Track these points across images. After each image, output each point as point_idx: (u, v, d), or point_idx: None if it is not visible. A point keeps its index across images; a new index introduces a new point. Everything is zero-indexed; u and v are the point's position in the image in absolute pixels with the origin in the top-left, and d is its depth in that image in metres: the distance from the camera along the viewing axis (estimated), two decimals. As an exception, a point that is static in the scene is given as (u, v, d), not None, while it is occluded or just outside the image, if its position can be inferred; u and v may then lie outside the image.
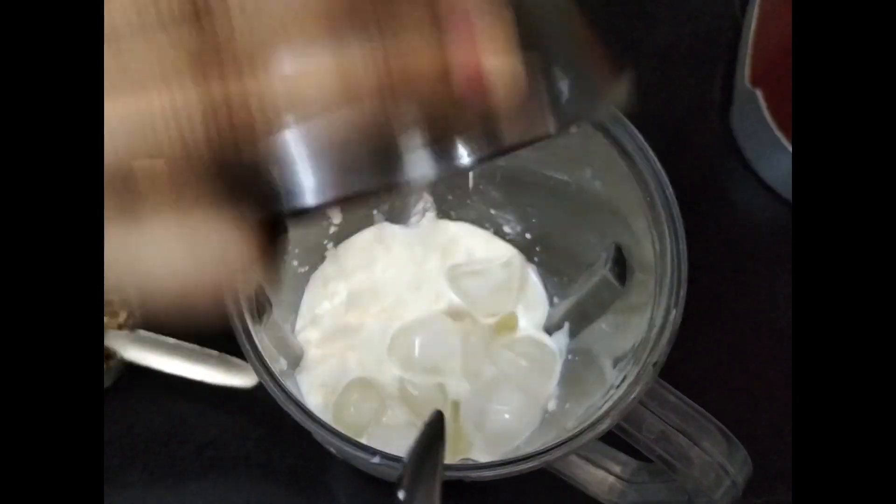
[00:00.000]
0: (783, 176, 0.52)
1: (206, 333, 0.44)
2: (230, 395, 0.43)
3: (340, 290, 0.44)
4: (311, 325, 0.43)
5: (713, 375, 0.48)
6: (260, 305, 0.35)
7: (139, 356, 0.43)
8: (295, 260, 0.43)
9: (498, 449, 0.40)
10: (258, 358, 0.31)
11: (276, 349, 0.36)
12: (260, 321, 0.34)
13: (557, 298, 0.45)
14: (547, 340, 0.44)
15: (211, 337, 0.44)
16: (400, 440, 0.39)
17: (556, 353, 0.43)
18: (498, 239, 0.46)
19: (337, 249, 0.45)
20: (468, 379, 0.42)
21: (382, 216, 0.46)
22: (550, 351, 0.43)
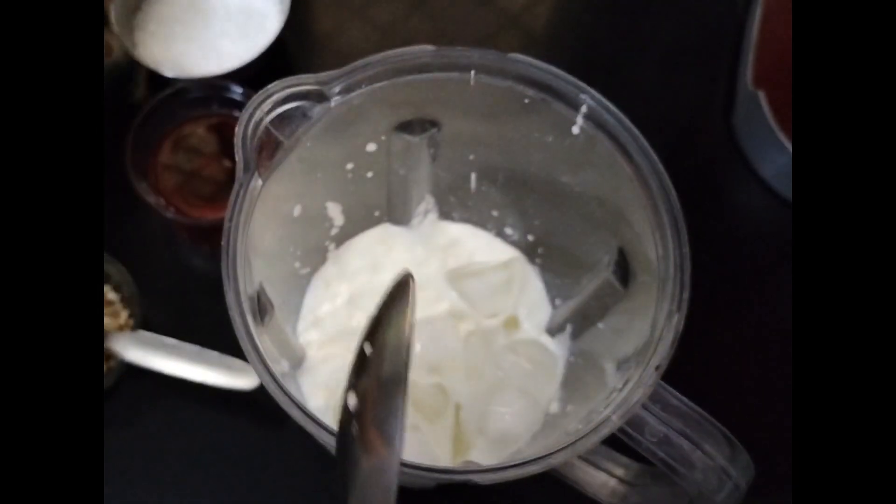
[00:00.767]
0: (785, 177, 0.52)
1: (206, 334, 0.44)
2: (231, 396, 0.43)
3: (342, 291, 0.44)
4: (312, 326, 0.43)
5: (715, 378, 0.47)
6: (262, 307, 0.35)
7: (140, 357, 0.43)
8: (297, 262, 0.43)
9: (499, 451, 0.40)
10: (260, 359, 0.31)
11: (277, 351, 0.36)
12: (262, 322, 0.34)
13: (559, 301, 0.45)
14: (549, 343, 0.44)
15: (212, 338, 0.44)
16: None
17: (558, 355, 0.43)
18: (499, 241, 0.46)
19: (339, 251, 0.45)
20: (469, 380, 0.42)
21: (384, 218, 0.46)
22: (552, 353, 0.43)
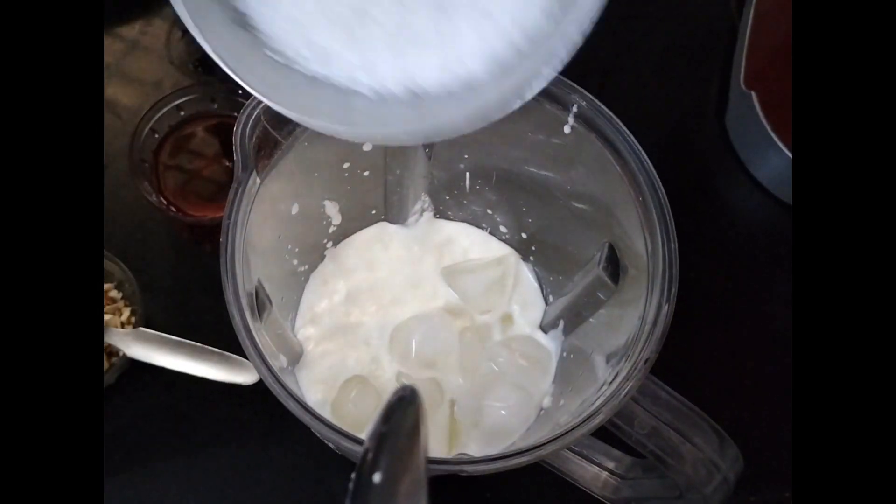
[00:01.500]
0: (777, 176, 0.53)
1: (207, 331, 0.45)
2: (231, 391, 0.44)
3: (339, 288, 0.45)
4: (310, 322, 0.44)
5: (706, 374, 0.48)
6: (260, 304, 0.35)
7: (142, 353, 0.44)
8: (295, 259, 0.43)
9: (493, 445, 0.41)
10: (258, 354, 0.31)
11: (276, 347, 0.37)
12: (260, 319, 0.35)
13: (552, 297, 0.45)
14: (543, 339, 0.44)
15: (212, 335, 0.45)
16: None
17: (551, 351, 0.44)
18: (494, 238, 0.47)
19: (336, 249, 0.46)
20: (464, 375, 0.42)
21: (381, 216, 0.46)
22: (546, 349, 0.44)
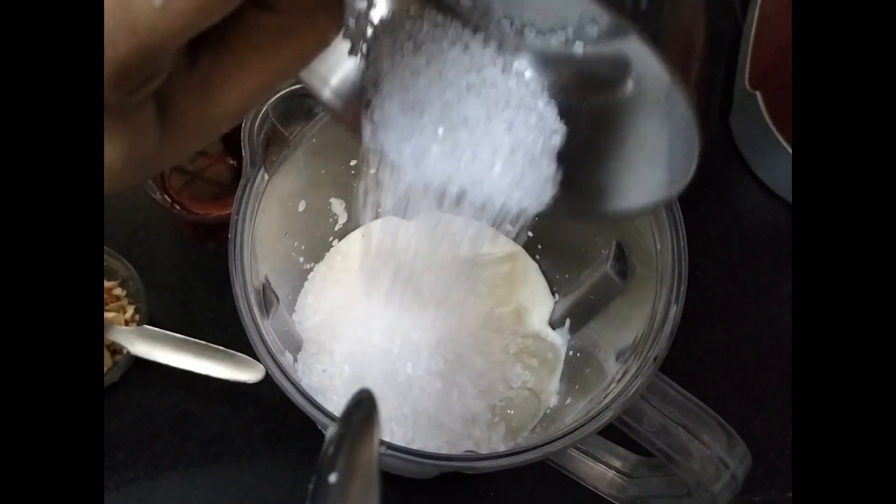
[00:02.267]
0: (781, 177, 0.53)
1: (211, 329, 0.45)
2: (235, 389, 0.43)
3: (343, 278, 0.44)
4: (312, 313, 0.44)
5: (714, 373, 0.48)
6: (267, 299, 0.35)
7: (146, 351, 0.43)
8: (301, 256, 0.43)
9: (500, 443, 0.41)
10: (266, 349, 0.31)
11: (282, 343, 0.37)
12: (268, 315, 0.35)
13: (559, 295, 0.45)
14: (551, 335, 0.44)
15: (216, 333, 0.44)
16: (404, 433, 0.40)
17: (559, 349, 0.44)
18: (502, 235, 0.47)
19: (340, 244, 0.46)
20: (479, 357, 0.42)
21: (387, 210, 0.46)
22: (554, 347, 0.44)
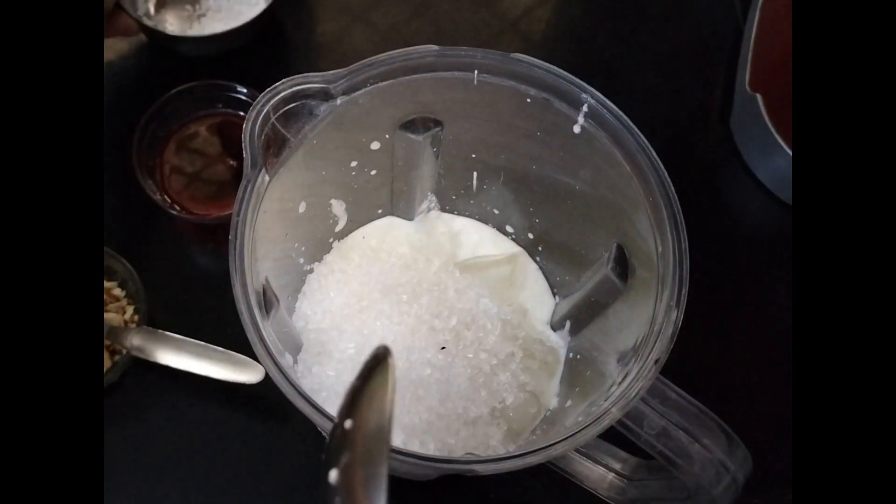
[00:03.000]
0: (782, 179, 0.53)
1: (210, 330, 0.45)
2: (235, 390, 0.43)
3: (343, 282, 0.44)
4: (311, 312, 0.43)
5: (714, 375, 0.48)
6: (267, 301, 0.35)
7: (145, 352, 0.43)
8: (301, 258, 0.43)
9: (500, 446, 0.41)
10: (266, 351, 0.31)
11: (282, 344, 0.37)
12: (268, 316, 0.34)
13: (559, 297, 0.45)
14: (552, 336, 0.44)
15: (215, 334, 0.44)
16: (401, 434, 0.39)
17: (559, 352, 0.44)
18: (502, 236, 0.47)
19: (341, 243, 0.45)
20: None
21: (388, 215, 0.46)
22: (554, 350, 0.44)
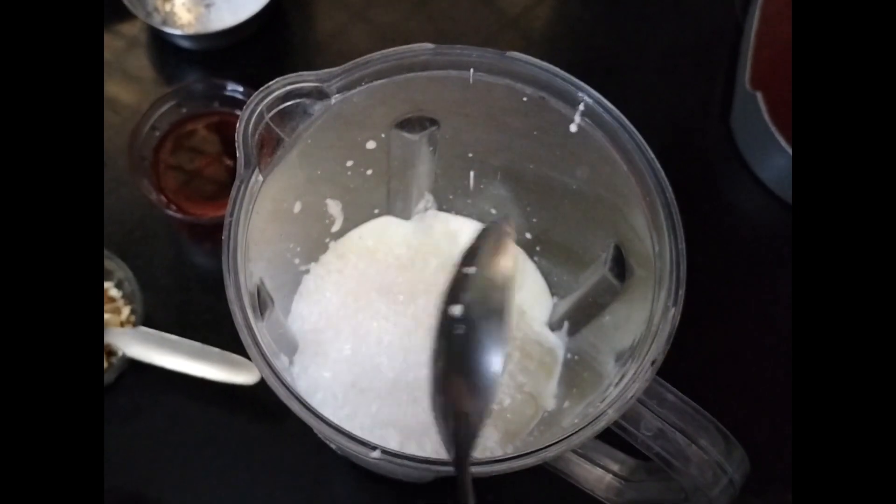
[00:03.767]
0: (781, 177, 0.52)
1: (207, 331, 0.45)
2: (231, 391, 0.43)
3: (340, 283, 0.44)
4: (308, 312, 0.43)
5: (712, 376, 0.48)
6: (262, 302, 0.35)
7: (141, 353, 0.43)
8: (296, 258, 0.43)
9: (497, 447, 0.40)
10: (260, 353, 0.31)
11: (277, 346, 0.36)
12: (262, 318, 0.34)
13: (557, 297, 0.45)
14: (550, 339, 0.44)
15: (212, 334, 0.44)
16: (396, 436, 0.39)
17: (557, 352, 0.43)
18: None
19: (337, 243, 0.45)
20: None
21: (384, 214, 0.46)
22: (552, 351, 0.43)
